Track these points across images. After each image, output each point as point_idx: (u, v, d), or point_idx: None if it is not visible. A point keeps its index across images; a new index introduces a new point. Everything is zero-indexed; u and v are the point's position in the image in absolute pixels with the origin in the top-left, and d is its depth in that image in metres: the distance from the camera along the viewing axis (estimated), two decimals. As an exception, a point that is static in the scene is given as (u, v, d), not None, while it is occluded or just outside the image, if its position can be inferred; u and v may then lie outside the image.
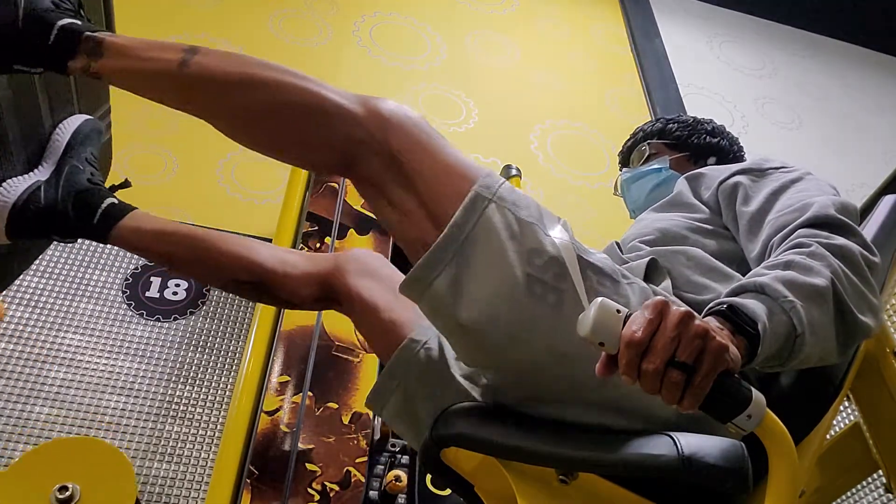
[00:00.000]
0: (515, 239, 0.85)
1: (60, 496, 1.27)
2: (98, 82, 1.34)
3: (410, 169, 0.89)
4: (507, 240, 0.85)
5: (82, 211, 1.17)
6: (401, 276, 1.18)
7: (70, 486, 1.28)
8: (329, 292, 1.18)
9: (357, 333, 1.56)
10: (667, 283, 1.00)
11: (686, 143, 1.41)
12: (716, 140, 1.41)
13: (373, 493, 1.40)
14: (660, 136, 1.44)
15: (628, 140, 1.52)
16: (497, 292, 0.84)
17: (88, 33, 0.99)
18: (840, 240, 0.85)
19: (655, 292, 0.94)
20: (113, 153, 1.50)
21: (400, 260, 1.12)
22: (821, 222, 0.89)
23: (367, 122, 0.91)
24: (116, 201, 1.20)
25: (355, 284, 1.15)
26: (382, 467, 1.41)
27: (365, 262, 1.19)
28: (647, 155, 1.43)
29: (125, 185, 1.31)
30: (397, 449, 1.46)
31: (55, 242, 1.23)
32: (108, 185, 1.27)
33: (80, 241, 1.28)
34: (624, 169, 1.50)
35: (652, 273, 1.02)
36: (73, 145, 1.25)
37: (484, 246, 0.85)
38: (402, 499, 1.41)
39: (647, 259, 1.02)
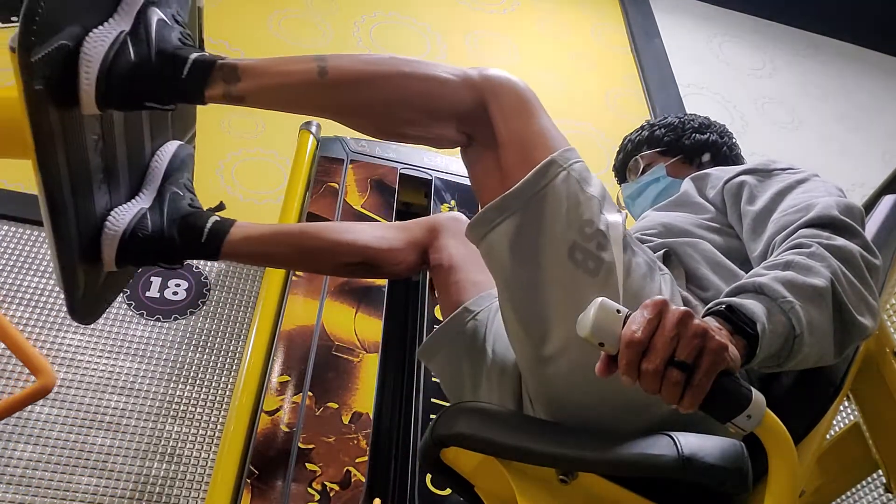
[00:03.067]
0: (574, 208, 0.92)
1: None
2: (191, 107, 1.40)
3: (507, 132, 0.97)
4: (567, 207, 0.92)
5: (189, 234, 1.20)
6: None
7: None
8: (425, 256, 1.29)
9: (356, 332, 1.57)
10: (682, 276, 1.01)
11: (677, 146, 1.41)
12: (705, 136, 1.40)
13: None
14: (649, 144, 1.44)
15: (619, 154, 1.52)
16: (544, 252, 0.91)
17: (221, 61, 1.02)
18: (840, 241, 0.85)
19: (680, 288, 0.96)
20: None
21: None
22: (823, 223, 0.89)
23: (475, 89, 0.99)
24: (219, 219, 1.24)
25: (445, 246, 1.26)
26: None
27: (454, 226, 1.28)
28: (641, 167, 1.43)
29: (220, 207, 1.34)
30: None
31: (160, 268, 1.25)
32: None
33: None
34: (623, 185, 1.49)
35: (667, 266, 1.02)
36: (170, 172, 1.28)
37: (548, 206, 0.92)
38: None
39: (663, 251, 1.03)
